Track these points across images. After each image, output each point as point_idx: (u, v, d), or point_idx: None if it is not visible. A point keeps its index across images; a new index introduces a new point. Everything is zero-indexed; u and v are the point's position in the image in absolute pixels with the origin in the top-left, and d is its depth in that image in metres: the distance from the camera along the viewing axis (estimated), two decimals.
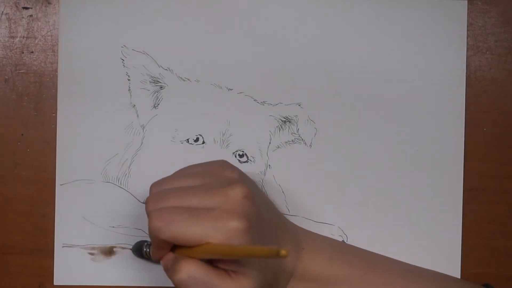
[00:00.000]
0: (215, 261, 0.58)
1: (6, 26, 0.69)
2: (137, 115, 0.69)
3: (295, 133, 0.70)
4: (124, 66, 0.69)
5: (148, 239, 0.67)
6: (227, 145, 0.69)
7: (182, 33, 0.69)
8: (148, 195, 0.61)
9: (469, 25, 0.71)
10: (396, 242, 0.70)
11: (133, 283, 0.69)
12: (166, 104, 0.69)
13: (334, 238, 0.70)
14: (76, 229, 0.69)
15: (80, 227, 0.69)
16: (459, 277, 0.70)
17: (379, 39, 0.70)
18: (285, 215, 0.69)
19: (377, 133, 0.70)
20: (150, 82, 0.69)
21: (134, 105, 0.69)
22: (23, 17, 0.70)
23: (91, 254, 0.69)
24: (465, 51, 0.70)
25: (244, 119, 0.70)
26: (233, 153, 0.69)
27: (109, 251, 0.69)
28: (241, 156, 0.70)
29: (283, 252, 0.50)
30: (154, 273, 0.69)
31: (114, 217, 0.69)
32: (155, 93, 0.69)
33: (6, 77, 0.69)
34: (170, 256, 0.60)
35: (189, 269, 0.57)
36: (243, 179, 0.62)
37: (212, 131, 0.69)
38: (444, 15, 0.70)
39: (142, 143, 0.69)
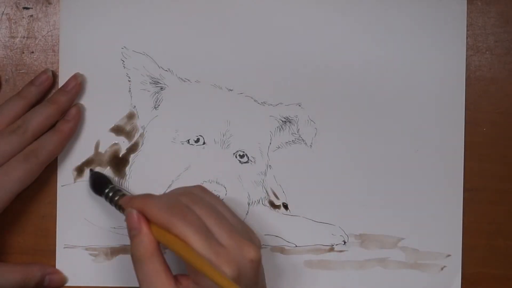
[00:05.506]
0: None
1: (7, 26, 0.69)
2: (138, 116, 0.69)
3: (295, 133, 0.70)
4: (124, 67, 0.69)
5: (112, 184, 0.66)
6: (227, 146, 0.69)
7: (182, 33, 0.69)
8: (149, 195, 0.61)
9: (469, 25, 0.71)
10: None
11: (134, 284, 0.69)
12: (166, 105, 0.69)
13: (335, 238, 0.70)
14: (77, 230, 0.69)
15: (82, 228, 0.69)
16: (460, 277, 0.70)
17: (379, 39, 0.70)
18: (286, 215, 0.69)
19: (377, 133, 0.70)
20: (150, 83, 0.69)
21: (135, 106, 0.69)
22: (23, 17, 0.70)
23: (93, 255, 0.69)
24: (465, 51, 0.70)
25: (245, 120, 0.70)
26: (234, 153, 0.69)
27: (110, 252, 0.69)
28: (241, 156, 0.70)
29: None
30: None
31: (115, 218, 0.69)
32: (155, 94, 0.69)
33: (7, 77, 0.69)
34: (135, 216, 0.60)
35: (148, 248, 0.58)
36: (260, 244, 0.63)
37: (213, 132, 0.69)
38: (444, 15, 0.70)
39: (142, 144, 0.69)
